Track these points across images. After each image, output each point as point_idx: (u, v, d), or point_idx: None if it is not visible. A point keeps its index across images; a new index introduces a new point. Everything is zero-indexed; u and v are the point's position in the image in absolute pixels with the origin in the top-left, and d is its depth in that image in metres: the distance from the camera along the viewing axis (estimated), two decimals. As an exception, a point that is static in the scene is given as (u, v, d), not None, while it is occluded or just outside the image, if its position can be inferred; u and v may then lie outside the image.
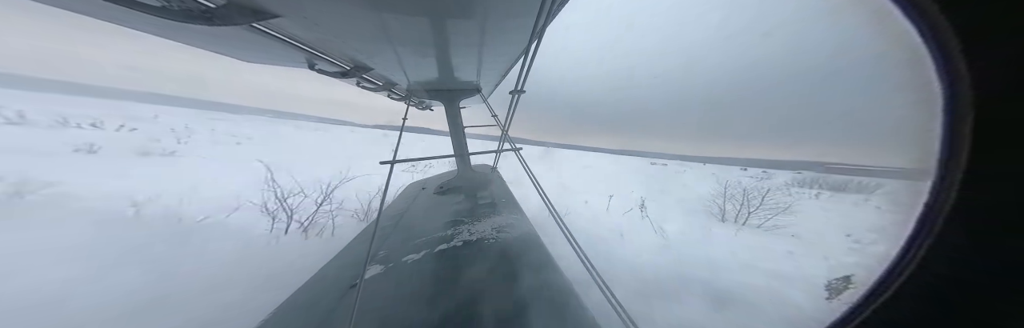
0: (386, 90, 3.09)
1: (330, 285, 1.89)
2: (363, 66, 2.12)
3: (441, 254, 1.94)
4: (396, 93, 3.49)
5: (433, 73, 2.42)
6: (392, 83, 2.92)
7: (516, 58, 2.02)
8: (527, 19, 1.19)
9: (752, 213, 7.99)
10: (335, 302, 1.64)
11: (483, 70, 2.41)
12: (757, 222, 7.69)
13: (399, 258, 1.97)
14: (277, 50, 1.66)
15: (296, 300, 1.76)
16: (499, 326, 1.26)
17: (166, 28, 1.39)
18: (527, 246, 2.00)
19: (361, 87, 2.79)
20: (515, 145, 2.65)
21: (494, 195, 3.34)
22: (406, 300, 1.52)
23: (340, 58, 1.93)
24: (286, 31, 1.41)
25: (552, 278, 1.59)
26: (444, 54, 1.82)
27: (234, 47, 1.82)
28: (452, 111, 3.62)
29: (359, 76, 2.26)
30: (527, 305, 1.36)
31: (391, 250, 2.17)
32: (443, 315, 1.36)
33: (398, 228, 2.70)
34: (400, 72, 2.40)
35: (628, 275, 3.56)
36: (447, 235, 2.21)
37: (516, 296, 1.45)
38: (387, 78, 2.71)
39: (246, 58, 2.22)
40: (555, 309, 1.35)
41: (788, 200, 8.22)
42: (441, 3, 1.07)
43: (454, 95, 3.42)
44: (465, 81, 2.86)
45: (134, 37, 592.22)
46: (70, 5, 1.22)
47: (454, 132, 3.72)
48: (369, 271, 1.85)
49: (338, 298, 1.68)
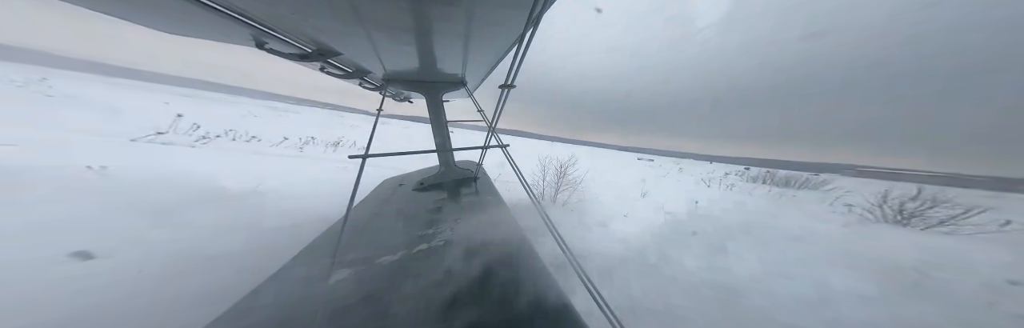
0: (357, 78, 2.79)
1: (291, 286, 1.65)
2: (329, 50, 1.84)
3: (420, 254, 1.80)
4: (370, 82, 3.18)
5: (414, 63, 2.21)
6: (365, 71, 2.62)
7: (506, 51, 1.88)
8: (520, 10, 1.11)
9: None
10: (298, 303, 1.44)
11: (470, 62, 2.24)
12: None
13: (373, 259, 1.81)
14: (209, 22, 1.36)
15: (248, 305, 1.47)
16: (475, 325, 1.19)
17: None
18: (511, 244, 1.91)
19: (326, 72, 2.46)
20: (502, 142, 2.45)
21: (479, 192, 3.17)
22: (379, 303, 1.41)
23: (299, 38, 1.64)
24: (223, 0, 1.13)
25: (536, 277, 1.52)
26: (427, 42, 1.65)
27: (148, 14, 1.49)
28: (434, 104, 3.36)
29: (324, 60, 1.97)
30: (511, 304, 1.31)
31: (363, 250, 1.97)
32: (418, 316, 1.27)
33: (371, 227, 2.47)
34: (375, 59, 2.15)
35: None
36: (428, 234, 2.06)
37: (499, 295, 1.39)
38: (359, 65, 2.41)
39: (165, 28, 1.86)
40: (538, 307, 1.30)
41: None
42: None
43: (437, 87, 3.17)
44: (449, 73, 2.64)
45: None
46: None
47: (436, 126, 3.47)
48: (338, 274, 1.68)
49: (300, 299, 1.47)
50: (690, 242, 5.25)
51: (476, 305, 1.30)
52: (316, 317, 1.11)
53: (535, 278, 1.50)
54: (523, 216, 2.64)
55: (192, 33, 1.86)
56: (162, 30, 1.89)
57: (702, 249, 4.92)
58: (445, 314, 1.25)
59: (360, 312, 1.31)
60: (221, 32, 1.65)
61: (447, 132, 3.57)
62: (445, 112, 3.52)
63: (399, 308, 1.32)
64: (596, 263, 4.00)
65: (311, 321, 1.21)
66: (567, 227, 5.37)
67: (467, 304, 1.31)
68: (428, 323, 1.21)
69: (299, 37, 1.60)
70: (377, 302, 1.39)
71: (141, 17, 1.60)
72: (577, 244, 4.53)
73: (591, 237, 5.03)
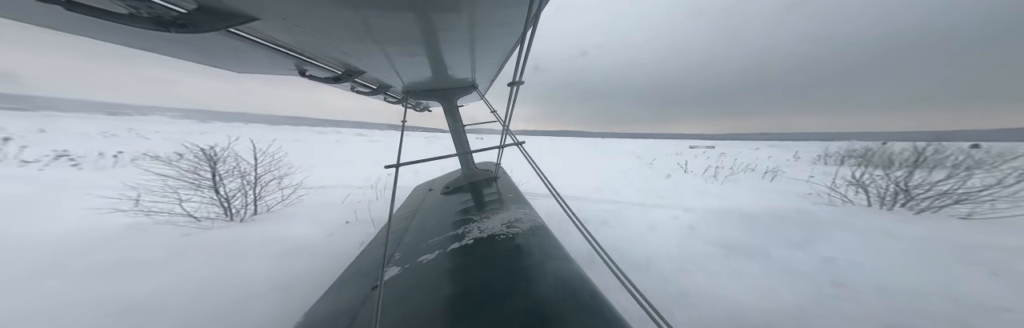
0: (381, 93, 3.05)
1: (352, 288, 1.95)
2: (355, 69, 2.08)
3: (454, 252, 1.93)
4: (392, 96, 3.46)
5: (427, 72, 2.38)
6: (387, 86, 2.88)
7: (511, 50, 1.95)
8: (519, 8, 1.14)
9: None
10: (359, 305, 1.68)
11: (478, 66, 2.36)
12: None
13: (414, 259, 1.98)
14: (263, 57, 1.62)
15: (322, 304, 1.85)
16: (513, 317, 1.24)
17: (144, 38, 1.36)
18: (538, 238, 1.98)
19: (356, 92, 2.75)
20: (517, 139, 2.60)
21: (500, 191, 3.31)
22: (425, 299, 1.53)
23: (330, 62, 1.89)
24: (268, 36, 1.37)
25: (565, 268, 1.58)
26: (436, 52, 1.77)
27: (219, 56, 1.78)
28: (450, 110, 3.59)
29: (352, 80, 2.22)
30: (543, 296, 1.36)
31: (406, 251, 2.19)
32: (460, 310, 1.37)
33: (410, 230, 2.71)
34: (393, 74, 2.36)
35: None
36: (458, 233, 2.20)
37: (531, 287, 1.44)
38: (380, 81, 2.67)
39: (234, 67, 2.19)
40: (572, 298, 1.33)
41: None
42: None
43: (451, 94, 3.37)
44: (461, 78, 2.81)
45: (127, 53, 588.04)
46: (37, 19, 1.18)
47: (455, 131, 3.69)
48: (388, 273, 1.89)
49: (361, 301, 1.72)
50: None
51: (513, 300, 1.35)
52: (372, 318, 1.19)
53: (567, 273, 1.52)
54: (544, 212, 2.76)
55: (254, 69, 2.18)
56: (233, 70, 2.24)
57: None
58: (484, 310, 1.31)
59: (406, 311, 1.42)
60: (275, 66, 1.93)
61: (465, 136, 3.78)
62: (461, 117, 3.74)
63: (442, 305, 1.43)
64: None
65: (369, 322, 1.33)
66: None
67: (504, 299, 1.36)
68: (470, 318, 1.27)
69: (329, 62, 1.85)
70: (425, 299, 1.51)
71: (217, 60, 1.91)
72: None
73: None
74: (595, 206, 6.62)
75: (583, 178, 10.55)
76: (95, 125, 30.75)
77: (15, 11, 1.08)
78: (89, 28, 1.24)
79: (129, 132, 26.36)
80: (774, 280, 3.39)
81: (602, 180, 10.23)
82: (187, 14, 0.97)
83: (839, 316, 2.80)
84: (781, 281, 3.37)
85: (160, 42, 1.43)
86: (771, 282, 3.35)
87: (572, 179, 10.16)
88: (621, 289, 1.19)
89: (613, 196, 7.73)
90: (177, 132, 29.80)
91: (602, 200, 7.26)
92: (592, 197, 7.58)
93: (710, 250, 4.18)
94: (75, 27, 1.23)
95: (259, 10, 1.04)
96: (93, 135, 21.02)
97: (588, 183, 9.43)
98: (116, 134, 23.20)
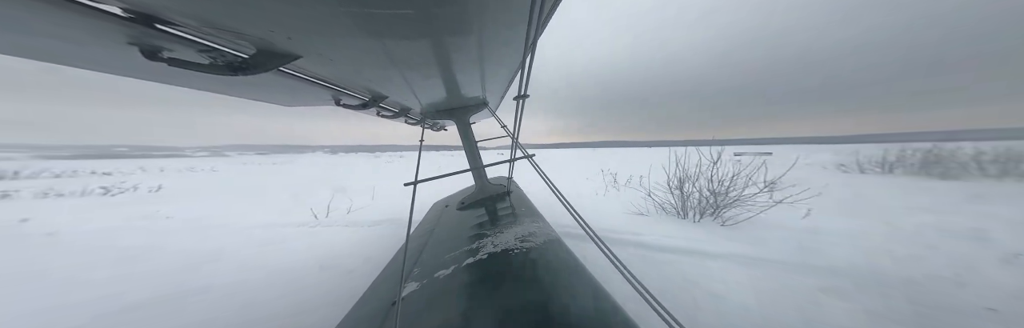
0: (403, 116, 3.29)
1: (373, 305, 2.00)
2: (379, 95, 2.30)
3: (469, 267, 1.96)
4: (412, 118, 3.69)
5: (441, 92, 2.54)
6: (407, 108, 3.11)
7: (517, 66, 2.05)
8: (521, 27, 1.24)
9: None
10: (380, 321, 1.72)
11: (487, 83, 2.49)
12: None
13: (432, 274, 2.03)
14: (304, 91, 1.87)
15: (347, 321, 1.89)
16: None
17: (216, 82, 1.62)
18: (553, 252, 2.00)
19: (381, 116, 3.00)
20: (527, 152, 2.73)
21: (514, 205, 3.38)
22: (442, 314, 1.56)
23: (359, 91, 2.13)
24: (309, 71, 1.61)
25: (582, 282, 1.59)
26: (448, 72, 1.89)
27: (269, 92, 2.05)
28: (463, 128, 3.79)
29: (377, 106, 2.45)
30: (560, 309, 1.37)
31: (424, 267, 2.24)
32: (477, 325, 1.38)
33: (428, 246, 2.78)
34: (412, 96, 2.55)
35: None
36: (473, 248, 2.24)
37: (547, 301, 1.44)
38: (401, 104, 2.90)
39: (283, 102, 2.47)
40: (588, 311, 1.35)
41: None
42: (435, 24, 1.14)
43: (464, 112, 3.57)
44: (472, 97, 2.98)
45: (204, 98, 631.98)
46: (130, 72, 1.45)
47: (468, 148, 3.87)
48: (407, 288, 1.95)
49: (382, 317, 1.76)
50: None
51: (530, 314, 1.36)
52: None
53: (583, 287, 1.53)
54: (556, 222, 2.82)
55: (299, 102, 2.45)
56: (283, 104, 2.54)
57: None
58: (501, 323, 1.34)
59: (430, 323, 1.46)
60: (315, 97, 2.18)
61: (478, 152, 3.95)
62: (474, 134, 3.93)
63: (458, 321, 1.45)
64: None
65: None
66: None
67: (520, 314, 1.38)
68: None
69: (358, 89, 2.09)
70: (441, 315, 1.53)
71: (271, 96, 2.18)
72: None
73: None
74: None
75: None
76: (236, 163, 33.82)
77: (123, 69, 1.36)
78: (177, 78, 1.51)
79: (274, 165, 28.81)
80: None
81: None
82: (248, 59, 1.20)
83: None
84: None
85: (228, 85, 1.68)
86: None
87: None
88: (640, 300, 1.22)
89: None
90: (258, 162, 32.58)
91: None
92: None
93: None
94: (168, 78, 1.50)
95: (302, 49, 1.26)
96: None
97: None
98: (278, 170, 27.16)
